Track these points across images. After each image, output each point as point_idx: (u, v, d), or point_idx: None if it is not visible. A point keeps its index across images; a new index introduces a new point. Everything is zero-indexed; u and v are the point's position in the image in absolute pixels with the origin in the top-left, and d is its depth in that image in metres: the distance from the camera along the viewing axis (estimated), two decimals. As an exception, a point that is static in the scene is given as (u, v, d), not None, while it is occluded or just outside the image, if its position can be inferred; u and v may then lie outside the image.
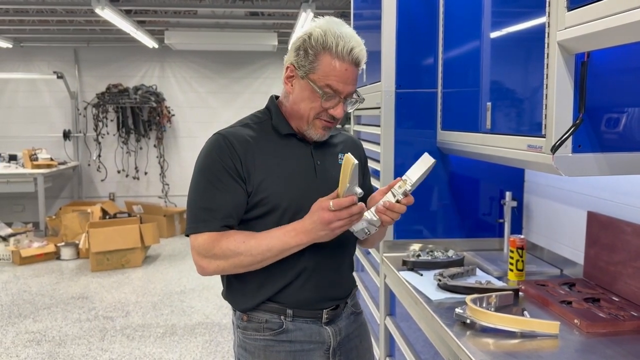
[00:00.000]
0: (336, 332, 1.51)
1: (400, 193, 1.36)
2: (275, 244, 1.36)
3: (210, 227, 1.38)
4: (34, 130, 7.47)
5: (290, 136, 1.49)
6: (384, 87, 2.34)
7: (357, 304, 1.64)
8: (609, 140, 1.42)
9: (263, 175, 1.41)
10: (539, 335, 1.46)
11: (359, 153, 1.63)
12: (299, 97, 1.42)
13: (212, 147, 1.42)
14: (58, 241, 6.17)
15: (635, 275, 1.68)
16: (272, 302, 1.46)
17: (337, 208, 1.28)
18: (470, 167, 2.39)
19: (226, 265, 1.40)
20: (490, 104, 1.85)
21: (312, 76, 1.38)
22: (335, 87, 1.37)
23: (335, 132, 1.61)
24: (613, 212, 1.81)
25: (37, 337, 3.92)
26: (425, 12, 2.34)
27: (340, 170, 1.36)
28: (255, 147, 1.43)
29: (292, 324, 1.46)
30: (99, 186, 7.72)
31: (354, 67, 1.39)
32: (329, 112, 1.41)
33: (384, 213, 1.36)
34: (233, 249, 1.37)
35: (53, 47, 7.41)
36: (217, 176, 1.39)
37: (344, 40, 1.35)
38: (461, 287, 1.82)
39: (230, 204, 1.39)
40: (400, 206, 1.36)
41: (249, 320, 1.48)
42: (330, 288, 1.50)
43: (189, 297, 4.77)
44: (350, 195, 1.28)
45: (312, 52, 1.37)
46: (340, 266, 1.53)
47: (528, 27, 1.59)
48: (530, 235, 2.36)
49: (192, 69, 7.68)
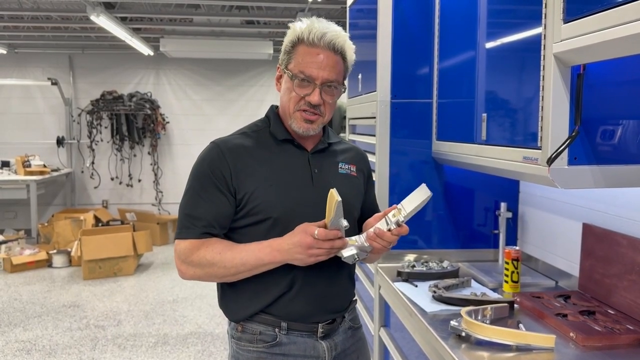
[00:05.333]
0: (332, 347, 1.49)
1: (394, 222, 1.35)
2: (249, 258, 1.36)
3: (192, 234, 1.40)
4: (27, 137, 7.43)
5: (288, 143, 1.48)
6: (380, 97, 2.34)
7: (356, 319, 1.61)
8: (605, 153, 1.42)
9: (255, 185, 1.40)
10: (534, 348, 1.45)
11: (364, 165, 1.62)
12: (283, 91, 1.45)
13: (205, 156, 1.44)
14: (50, 249, 6.12)
15: (630, 288, 1.67)
16: (266, 313, 1.44)
17: (322, 238, 1.28)
18: (465, 177, 2.38)
19: (202, 274, 1.40)
20: (486, 115, 1.84)
21: (289, 67, 1.41)
22: (309, 72, 1.38)
23: (337, 140, 1.59)
24: (608, 224, 1.80)
25: (27, 346, 3.87)
26: (421, 23, 2.34)
27: (340, 180, 1.34)
28: (249, 156, 1.43)
29: (286, 337, 1.44)
30: (92, 193, 7.68)
31: (329, 52, 1.39)
32: (306, 99, 1.39)
33: (374, 240, 1.35)
34: (209, 259, 1.38)
35: (47, 54, 7.39)
36: (204, 186, 1.41)
37: (316, 28, 1.38)
38: (456, 299, 1.81)
39: (212, 215, 1.40)
40: (391, 236, 1.35)
41: (243, 331, 1.47)
42: (325, 301, 1.47)
43: (181, 306, 4.73)
44: (336, 228, 1.29)
45: (290, 45, 1.42)
46: (337, 278, 1.50)
47: (524, 38, 1.59)
48: (525, 246, 2.35)
49: (187, 77, 7.67)
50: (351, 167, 1.55)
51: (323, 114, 1.44)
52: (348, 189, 1.48)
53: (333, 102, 1.45)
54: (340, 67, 1.42)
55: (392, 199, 2.36)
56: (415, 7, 2.34)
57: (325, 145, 1.53)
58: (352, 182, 1.54)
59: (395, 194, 2.36)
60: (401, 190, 2.37)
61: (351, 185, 1.52)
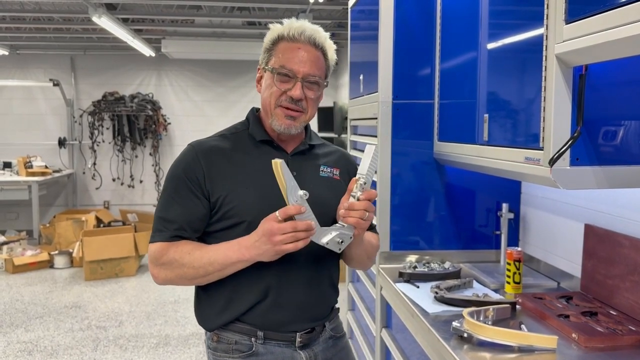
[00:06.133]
0: (311, 356, 1.44)
1: (358, 191, 1.30)
2: (218, 257, 1.33)
3: (162, 237, 1.38)
4: (29, 138, 7.45)
5: (267, 144, 1.45)
6: (381, 98, 2.34)
7: (339, 327, 1.55)
8: (607, 153, 1.41)
9: (230, 187, 1.38)
10: (536, 349, 1.45)
11: (348, 167, 1.56)
12: (263, 89, 1.43)
13: (180, 159, 1.43)
14: (52, 249, 6.13)
15: (633, 289, 1.66)
16: (242, 322, 1.41)
17: (283, 217, 1.22)
18: (467, 178, 2.38)
19: (172, 276, 1.37)
20: (488, 115, 1.84)
21: (270, 63, 1.40)
22: (290, 66, 1.36)
23: (319, 142, 1.55)
24: (610, 225, 1.80)
25: (28, 347, 3.88)
26: (423, 23, 2.34)
27: (320, 183, 1.30)
28: (225, 158, 1.41)
29: (262, 346, 1.40)
30: (93, 194, 7.69)
31: (310, 47, 1.38)
32: (288, 93, 1.37)
33: (347, 215, 1.29)
34: (178, 259, 1.35)
35: (49, 55, 7.40)
36: (177, 189, 1.39)
37: (296, 25, 1.39)
38: (458, 299, 1.81)
39: (184, 218, 1.37)
40: (360, 202, 1.29)
41: (218, 340, 1.43)
42: (303, 309, 1.42)
43: (182, 307, 4.73)
44: (295, 204, 1.22)
45: (270, 43, 1.42)
46: (316, 285, 1.44)
47: (525, 39, 1.59)
48: (527, 247, 2.35)
49: (189, 78, 7.68)
50: (334, 171, 1.50)
51: (305, 110, 1.40)
52: (330, 193, 1.43)
53: (315, 99, 1.42)
54: (321, 63, 1.40)
55: (394, 200, 2.36)
56: (417, 8, 2.34)
57: (306, 147, 1.48)
58: (334, 186, 1.47)
59: (397, 195, 2.36)
60: (403, 191, 2.36)
61: (333, 189, 1.46)
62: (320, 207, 1.33)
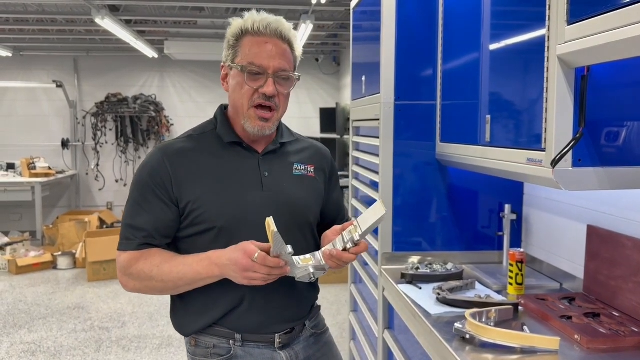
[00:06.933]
0: (292, 356, 1.43)
1: (349, 241, 1.27)
2: (187, 272, 1.29)
3: (130, 246, 1.35)
4: (32, 139, 7.47)
5: (236, 145, 1.40)
6: (383, 99, 2.34)
7: (320, 324, 1.54)
8: (610, 155, 1.41)
9: (198, 193, 1.33)
10: (539, 351, 1.44)
11: (325, 164, 1.53)
12: (232, 88, 1.37)
13: (146, 163, 1.38)
14: (55, 250, 6.14)
15: (636, 290, 1.66)
16: (219, 326, 1.38)
17: (260, 263, 1.19)
18: (469, 179, 2.38)
19: (141, 287, 1.35)
20: (490, 116, 1.84)
21: (237, 60, 1.35)
22: (259, 62, 1.31)
23: (291, 139, 1.50)
24: (613, 226, 1.80)
25: (32, 347, 3.89)
26: (425, 24, 2.34)
27: (294, 182, 1.26)
28: (193, 161, 1.36)
29: (241, 349, 1.38)
30: (96, 195, 7.71)
31: (276, 40, 1.34)
32: (260, 91, 1.32)
33: (329, 259, 1.27)
34: (147, 272, 1.32)
35: (53, 56, 7.43)
36: (144, 195, 1.35)
37: (259, 18, 1.35)
38: (460, 301, 1.80)
39: (152, 225, 1.34)
40: (349, 256, 1.26)
41: (196, 345, 1.41)
42: (281, 311, 1.40)
43: (185, 308, 4.73)
44: (277, 255, 1.20)
45: (233, 39, 1.37)
46: (294, 286, 1.39)
47: (527, 40, 1.58)
48: (529, 248, 2.34)
49: (192, 79, 7.69)
50: (308, 168, 1.46)
51: (278, 107, 1.36)
52: (304, 192, 1.41)
53: (287, 95, 1.39)
54: (289, 56, 1.37)
55: (396, 201, 2.35)
56: (419, 9, 2.34)
57: (277, 146, 1.44)
58: (309, 184, 1.45)
59: (400, 196, 2.36)
60: (405, 192, 2.36)
61: (307, 188, 1.44)
62: (294, 206, 1.33)
